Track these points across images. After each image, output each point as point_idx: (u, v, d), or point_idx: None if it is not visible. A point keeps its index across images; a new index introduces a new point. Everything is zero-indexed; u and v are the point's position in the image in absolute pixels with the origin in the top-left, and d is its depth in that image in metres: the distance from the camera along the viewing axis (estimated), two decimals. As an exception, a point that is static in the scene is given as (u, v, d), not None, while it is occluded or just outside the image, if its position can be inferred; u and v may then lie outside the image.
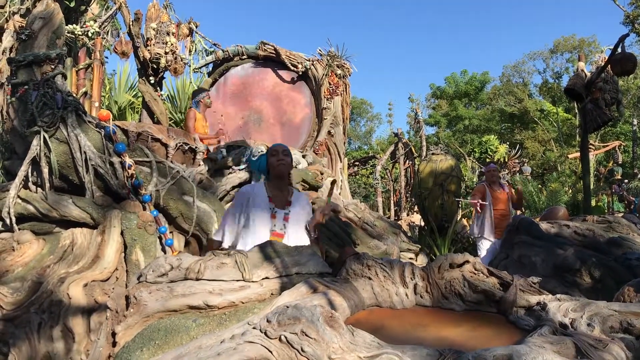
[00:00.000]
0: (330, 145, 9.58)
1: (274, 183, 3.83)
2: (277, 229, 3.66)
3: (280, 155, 3.80)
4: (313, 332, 1.81)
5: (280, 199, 3.77)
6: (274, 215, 3.69)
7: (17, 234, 4.66)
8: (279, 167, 3.77)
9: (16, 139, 5.08)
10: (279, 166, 3.77)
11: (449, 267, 2.66)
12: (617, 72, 8.22)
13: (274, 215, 3.69)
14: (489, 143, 23.68)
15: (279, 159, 3.78)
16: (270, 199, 3.73)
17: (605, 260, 4.90)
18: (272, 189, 3.80)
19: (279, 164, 3.77)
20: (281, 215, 3.71)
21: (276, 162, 3.78)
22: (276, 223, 3.67)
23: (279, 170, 3.78)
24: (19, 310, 4.10)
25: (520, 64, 43.42)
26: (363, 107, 50.96)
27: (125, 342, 2.41)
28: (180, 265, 2.65)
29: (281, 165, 3.78)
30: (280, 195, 3.79)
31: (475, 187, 7.87)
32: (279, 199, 3.77)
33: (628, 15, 28.99)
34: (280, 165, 3.77)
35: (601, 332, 2.10)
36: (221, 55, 10.34)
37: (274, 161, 3.78)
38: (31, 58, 4.93)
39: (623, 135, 30.83)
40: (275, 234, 3.64)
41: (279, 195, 3.79)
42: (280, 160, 3.78)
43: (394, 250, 6.48)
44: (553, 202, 14.18)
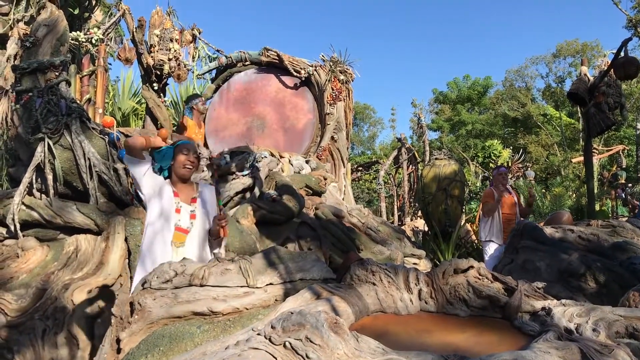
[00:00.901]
0: (333, 150, 9.58)
1: (175, 181, 3.63)
2: (182, 225, 3.52)
3: (191, 156, 3.59)
4: (317, 338, 1.81)
5: (185, 194, 3.62)
6: (178, 209, 3.53)
7: (22, 240, 4.67)
8: (184, 169, 3.58)
9: (20, 146, 5.10)
10: (185, 169, 3.58)
11: (454, 273, 2.66)
12: (620, 76, 8.21)
13: (178, 210, 3.53)
14: (492, 148, 23.67)
15: (190, 161, 3.59)
16: (175, 194, 3.58)
17: (610, 265, 4.88)
18: (175, 185, 3.62)
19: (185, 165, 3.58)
20: (187, 210, 3.56)
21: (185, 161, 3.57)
22: (181, 218, 3.52)
23: (182, 172, 3.59)
24: (23, 317, 4.10)
25: (523, 68, 43.41)
26: (366, 112, 50.97)
27: (130, 348, 2.41)
28: (184, 272, 2.65)
29: (187, 168, 3.59)
30: (185, 191, 3.64)
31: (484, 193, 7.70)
32: (184, 194, 3.62)
33: (631, 20, 28.97)
34: (187, 167, 3.58)
35: (607, 337, 2.09)
36: (224, 62, 10.37)
37: (183, 159, 3.57)
38: (35, 65, 4.96)
39: (627, 139, 30.74)
40: (180, 229, 3.51)
41: (184, 190, 3.64)
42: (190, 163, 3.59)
43: (398, 256, 6.46)
44: (557, 206, 14.16)
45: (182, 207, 3.56)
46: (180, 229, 3.53)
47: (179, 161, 3.57)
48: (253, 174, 6.74)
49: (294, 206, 6.14)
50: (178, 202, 3.56)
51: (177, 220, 3.52)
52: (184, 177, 3.62)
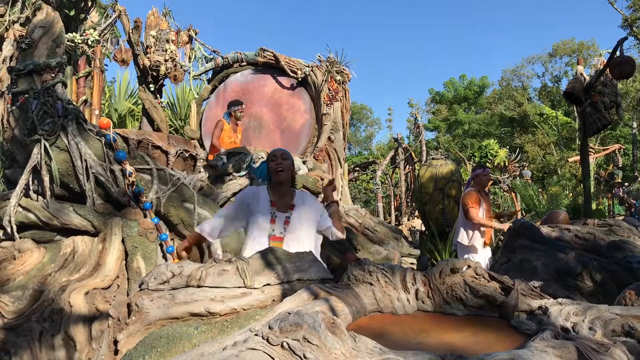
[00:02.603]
0: (330, 151, 9.59)
1: (275, 188, 3.83)
2: (276, 233, 3.65)
3: (279, 160, 3.80)
4: (315, 339, 1.81)
5: (282, 203, 3.77)
6: (273, 219, 3.68)
7: (18, 242, 4.66)
8: (278, 173, 3.78)
9: (17, 148, 5.09)
10: (277, 172, 3.78)
11: (450, 272, 2.67)
12: (616, 75, 8.23)
13: (273, 220, 3.68)
14: (489, 147, 23.69)
15: (278, 164, 3.79)
16: (273, 203, 3.73)
17: (606, 264, 4.89)
18: (274, 194, 3.79)
19: (277, 169, 3.78)
20: (282, 219, 3.70)
21: (275, 167, 3.78)
22: (275, 227, 3.66)
23: (277, 176, 3.79)
24: (20, 319, 4.09)
25: (520, 68, 43.49)
26: (363, 112, 51.03)
27: (127, 350, 2.41)
28: (181, 273, 2.65)
29: (279, 171, 3.78)
30: (282, 199, 3.79)
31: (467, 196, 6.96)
32: (281, 202, 3.77)
33: (626, 19, 29.06)
34: (279, 171, 3.78)
35: (603, 335, 2.10)
36: (221, 62, 10.36)
37: (273, 166, 3.79)
38: (31, 67, 4.95)
39: (623, 138, 30.85)
40: (274, 238, 3.64)
41: (282, 199, 3.79)
42: (279, 165, 3.78)
43: (395, 256, 6.47)
44: (553, 205, 14.16)
45: (277, 216, 3.70)
46: (274, 237, 3.64)
47: (271, 169, 3.81)
48: (250, 174, 6.74)
49: (291, 207, 6.13)
50: (274, 212, 3.71)
51: (272, 231, 3.66)
52: (281, 181, 3.80)
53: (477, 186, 7.06)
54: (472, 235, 6.89)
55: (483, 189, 7.10)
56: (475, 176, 7.12)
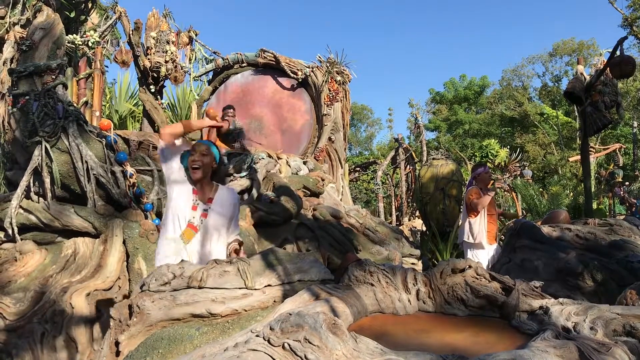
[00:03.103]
0: (330, 151, 9.59)
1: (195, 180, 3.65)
2: (194, 222, 3.57)
3: (196, 156, 3.58)
4: (316, 339, 1.82)
5: (202, 195, 3.66)
6: (195, 206, 3.58)
7: (20, 244, 4.66)
8: (193, 170, 3.57)
9: (18, 150, 5.10)
10: (193, 169, 3.57)
11: (451, 273, 2.67)
12: (616, 74, 8.22)
13: (195, 207, 3.58)
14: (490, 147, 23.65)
15: (194, 160, 3.57)
16: (194, 191, 3.62)
17: (607, 264, 4.89)
18: (195, 184, 3.66)
19: (192, 166, 3.57)
20: (200, 209, 3.60)
21: (190, 163, 3.58)
22: (195, 215, 3.57)
23: (192, 173, 3.58)
24: (22, 321, 4.10)
25: (520, 67, 43.42)
26: (364, 112, 50.99)
27: (129, 351, 2.42)
28: (182, 274, 2.65)
29: (194, 168, 3.57)
30: (202, 191, 3.66)
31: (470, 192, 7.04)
32: (201, 194, 3.65)
33: (626, 18, 29.04)
34: (194, 168, 3.57)
35: (604, 335, 2.10)
36: (221, 63, 10.37)
37: (189, 162, 3.59)
38: (32, 69, 4.95)
39: (623, 137, 30.81)
40: (191, 225, 3.55)
41: (203, 189, 3.67)
42: (195, 162, 3.57)
43: (396, 256, 6.47)
44: (554, 205, 14.15)
45: (198, 204, 3.60)
46: (191, 225, 3.57)
47: (188, 163, 3.60)
48: (251, 175, 6.74)
49: (292, 207, 6.14)
50: (196, 200, 3.61)
51: (192, 218, 3.57)
52: (195, 179, 3.61)
53: (479, 184, 7.11)
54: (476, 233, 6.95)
55: (485, 186, 7.13)
56: (477, 175, 7.18)
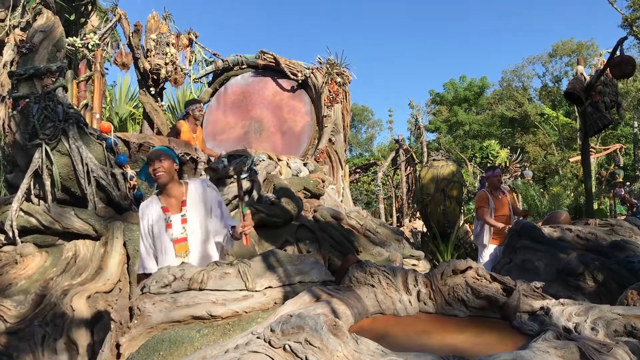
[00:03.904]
0: (331, 152, 9.59)
1: (162, 190, 3.68)
2: (177, 236, 3.56)
3: (155, 165, 3.60)
4: (317, 341, 1.81)
5: (174, 203, 3.65)
6: (169, 224, 3.56)
7: (20, 246, 4.66)
8: (157, 177, 3.59)
9: (18, 152, 5.10)
10: (157, 176, 3.59)
11: (452, 274, 2.67)
12: (616, 75, 8.23)
13: (169, 225, 3.56)
14: (490, 148, 23.65)
15: (155, 169, 3.59)
16: (165, 209, 3.61)
17: (608, 264, 4.89)
18: (164, 197, 3.66)
19: (155, 174, 3.59)
20: (177, 219, 3.59)
21: (153, 172, 3.60)
22: (174, 232, 3.56)
23: (158, 179, 3.61)
24: (22, 323, 4.10)
25: (520, 68, 43.41)
26: (364, 114, 50.99)
27: (130, 353, 2.41)
28: (183, 276, 2.65)
29: (157, 175, 3.59)
30: (173, 199, 3.66)
31: (477, 196, 7.46)
32: (173, 203, 3.65)
33: (626, 19, 29.05)
34: (156, 175, 3.59)
35: (605, 336, 2.10)
36: (221, 65, 10.38)
37: (151, 172, 3.61)
38: (32, 71, 4.96)
39: (624, 137, 30.81)
40: (177, 240, 3.54)
41: (172, 200, 3.66)
42: (156, 170, 3.59)
43: (397, 257, 6.46)
44: (555, 206, 14.14)
45: (172, 219, 3.57)
46: (177, 240, 3.55)
47: (151, 174, 3.60)
48: (251, 177, 6.74)
49: (293, 209, 6.14)
50: (168, 218, 3.58)
51: (171, 235, 3.54)
52: (163, 184, 3.61)
53: (489, 187, 7.37)
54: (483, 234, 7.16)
55: (495, 189, 7.33)
56: (487, 178, 7.54)
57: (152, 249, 3.65)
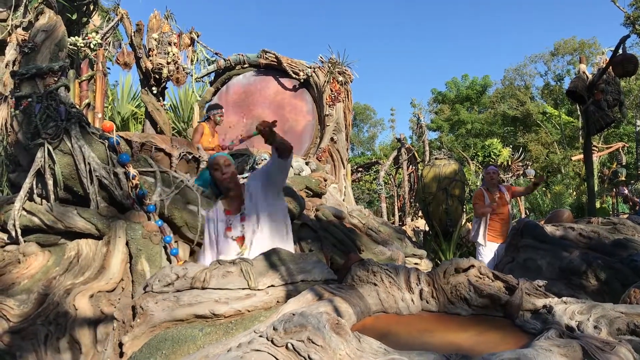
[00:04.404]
0: (333, 151, 9.59)
1: (227, 193, 3.88)
2: (236, 234, 3.71)
3: (223, 169, 3.82)
4: (319, 340, 1.81)
5: (235, 205, 3.82)
6: (229, 227, 3.73)
7: (23, 246, 4.66)
8: (225, 181, 3.82)
9: (20, 152, 5.11)
10: (225, 181, 3.82)
11: (455, 272, 2.66)
12: (618, 73, 8.22)
13: (229, 228, 3.73)
14: (492, 147, 23.65)
15: (223, 173, 3.81)
16: (227, 212, 3.79)
17: (611, 262, 4.89)
18: (227, 201, 3.85)
19: (223, 178, 3.81)
20: (237, 219, 3.74)
21: (220, 176, 3.81)
22: (233, 233, 3.72)
23: (226, 184, 3.83)
24: (25, 323, 4.10)
25: (522, 67, 43.38)
26: (366, 113, 50.96)
27: (133, 352, 2.42)
28: (186, 275, 2.66)
29: (225, 179, 3.82)
30: (234, 202, 3.83)
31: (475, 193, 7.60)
32: (234, 205, 3.82)
33: (628, 17, 28.99)
34: (225, 179, 3.82)
35: (608, 334, 2.09)
36: (223, 64, 10.38)
37: (219, 176, 3.82)
38: (34, 71, 4.96)
39: (626, 136, 30.76)
40: (239, 239, 3.70)
41: (234, 202, 3.83)
42: (224, 175, 3.81)
43: (399, 256, 6.46)
44: (557, 204, 14.15)
45: (232, 222, 3.75)
46: (238, 238, 3.71)
47: (217, 179, 3.83)
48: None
49: (295, 208, 6.14)
50: (229, 220, 3.76)
51: (232, 237, 3.71)
52: (229, 188, 3.84)
53: (486, 184, 7.50)
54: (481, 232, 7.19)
55: (492, 186, 7.36)
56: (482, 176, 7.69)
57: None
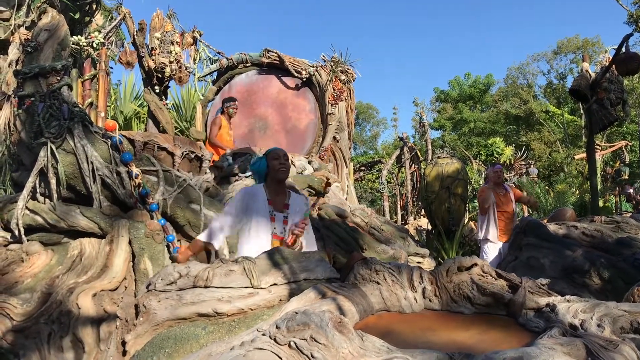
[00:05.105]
0: (335, 150, 9.59)
1: (272, 186, 3.87)
2: (277, 232, 3.71)
3: (282, 160, 3.84)
4: (322, 338, 1.81)
5: (278, 202, 3.82)
6: (272, 218, 3.73)
7: (26, 245, 4.68)
8: (280, 171, 3.83)
9: (23, 151, 5.11)
10: (280, 171, 3.83)
11: (457, 271, 2.66)
12: (621, 71, 8.21)
13: (272, 218, 3.73)
14: (495, 145, 23.64)
15: (282, 163, 3.83)
16: (270, 202, 3.77)
17: (614, 261, 4.88)
18: (270, 192, 3.84)
19: (280, 168, 3.82)
20: (280, 218, 3.76)
21: (278, 165, 3.82)
22: (276, 226, 3.72)
23: (280, 174, 3.84)
24: (28, 321, 4.11)
25: (525, 65, 43.32)
26: (369, 111, 50.92)
27: (136, 351, 2.42)
28: (188, 273, 2.66)
29: (282, 170, 3.83)
30: (278, 198, 3.84)
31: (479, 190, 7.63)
32: (277, 202, 3.82)
33: (632, 15, 28.90)
34: (282, 170, 3.83)
35: (611, 332, 2.09)
36: (225, 63, 10.39)
37: (277, 164, 3.82)
38: (37, 70, 4.97)
39: (629, 134, 30.70)
40: (276, 236, 3.69)
41: (277, 198, 3.84)
42: (282, 165, 3.83)
43: (402, 255, 6.46)
44: (560, 203, 14.12)
45: (275, 215, 3.75)
46: (276, 236, 3.70)
47: (273, 167, 3.82)
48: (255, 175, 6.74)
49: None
50: (272, 211, 3.76)
51: (273, 229, 3.71)
52: (282, 179, 3.88)
53: (490, 183, 7.44)
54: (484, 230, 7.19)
55: (497, 185, 7.37)
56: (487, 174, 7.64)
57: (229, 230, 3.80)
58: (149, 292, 2.62)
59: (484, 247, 7.27)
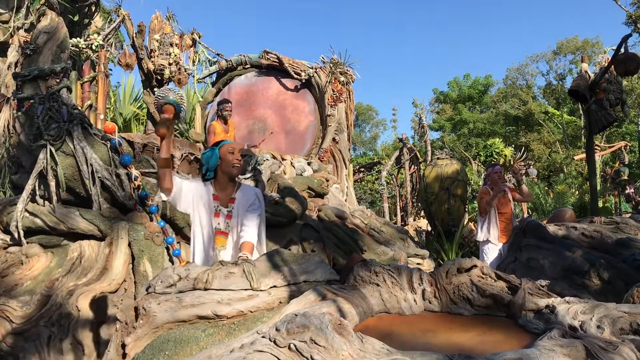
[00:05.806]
0: (335, 152, 9.60)
1: (221, 181, 3.76)
2: (221, 227, 3.65)
3: (237, 155, 3.72)
4: (322, 340, 1.81)
5: (224, 196, 3.74)
6: (217, 213, 3.66)
7: (26, 247, 4.67)
8: (234, 167, 3.70)
9: (23, 153, 5.12)
10: (234, 167, 3.70)
11: (457, 272, 2.66)
12: (620, 72, 8.21)
13: (217, 214, 3.66)
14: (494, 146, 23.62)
15: (237, 158, 3.70)
16: (216, 197, 3.70)
17: (613, 262, 4.88)
18: (217, 187, 3.75)
19: (235, 164, 3.69)
20: (224, 213, 3.68)
21: (234, 160, 3.69)
22: (220, 222, 3.65)
23: (234, 170, 3.71)
24: (28, 324, 4.11)
25: (524, 66, 43.32)
26: (368, 113, 50.91)
27: (135, 353, 2.42)
28: (188, 276, 2.65)
29: (236, 166, 3.71)
30: (224, 193, 3.75)
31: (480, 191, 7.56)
32: (223, 196, 3.74)
33: (630, 16, 28.92)
34: (236, 165, 3.71)
35: (611, 334, 2.09)
36: (224, 65, 10.40)
37: (231, 159, 3.69)
38: (36, 72, 4.97)
39: (629, 135, 30.69)
40: (220, 232, 3.64)
41: (224, 193, 3.75)
42: (238, 161, 3.71)
43: (402, 256, 6.46)
44: (560, 204, 14.14)
45: (220, 210, 3.68)
46: (220, 232, 3.65)
47: (228, 161, 3.69)
48: (255, 176, 6.75)
49: (297, 208, 6.14)
50: (217, 206, 3.68)
51: (217, 224, 3.65)
52: (233, 175, 3.74)
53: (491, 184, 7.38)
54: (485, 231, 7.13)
55: (495, 185, 7.30)
56: (487, 175, 7.54)
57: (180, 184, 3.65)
58: (149, 294, 2.62)
59: (484, 248, 7.22)
